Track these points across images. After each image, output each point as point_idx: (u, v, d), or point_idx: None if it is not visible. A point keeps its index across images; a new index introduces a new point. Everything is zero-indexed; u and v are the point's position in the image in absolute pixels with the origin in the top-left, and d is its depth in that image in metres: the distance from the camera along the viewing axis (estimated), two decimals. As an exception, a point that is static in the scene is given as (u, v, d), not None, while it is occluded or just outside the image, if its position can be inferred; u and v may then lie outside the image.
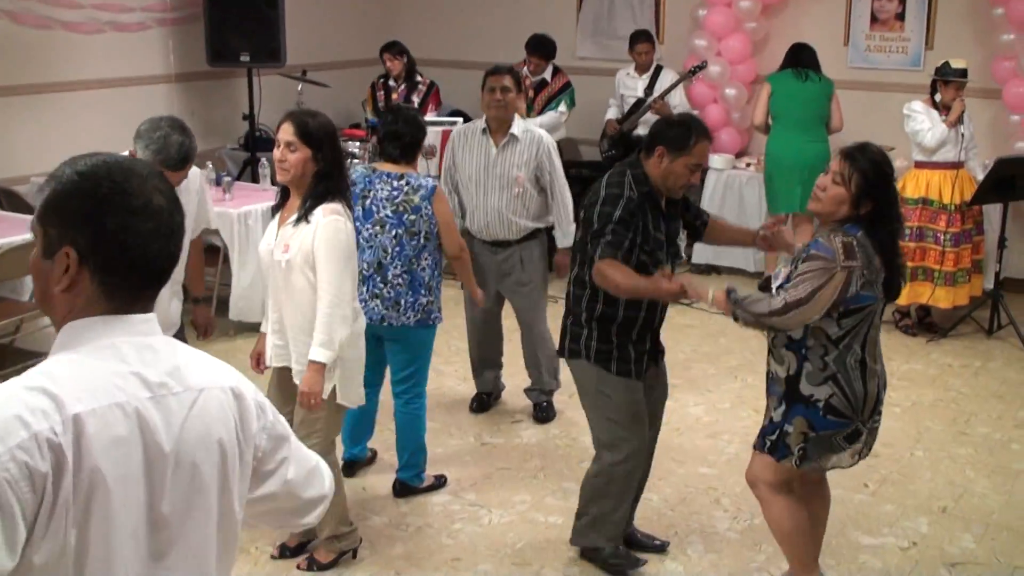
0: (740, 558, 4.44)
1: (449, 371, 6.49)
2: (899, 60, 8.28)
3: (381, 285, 4.71)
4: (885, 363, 3.87)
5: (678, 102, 8.26)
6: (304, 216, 3.93)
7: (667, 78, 8.31)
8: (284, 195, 4.11)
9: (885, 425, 5.59)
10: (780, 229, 4.21)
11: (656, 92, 8.24)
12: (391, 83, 8.62)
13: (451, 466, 5.21)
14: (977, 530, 4.68)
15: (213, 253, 6.85)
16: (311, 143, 3.91)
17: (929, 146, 6.92)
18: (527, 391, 5.86)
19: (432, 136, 8.18)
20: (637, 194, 3.91)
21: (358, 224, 4.60)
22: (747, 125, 8.59)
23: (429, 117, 8.44)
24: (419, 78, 8.58)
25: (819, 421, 3.67)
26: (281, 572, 4.30)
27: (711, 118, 8.43)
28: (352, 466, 5.08)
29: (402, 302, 4.72)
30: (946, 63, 6.98)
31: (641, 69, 8.46)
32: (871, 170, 3.59)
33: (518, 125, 5.50)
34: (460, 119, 8.56)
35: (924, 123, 6.96)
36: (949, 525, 4.72)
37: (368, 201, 4.70)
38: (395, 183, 4.70)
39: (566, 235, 5.54)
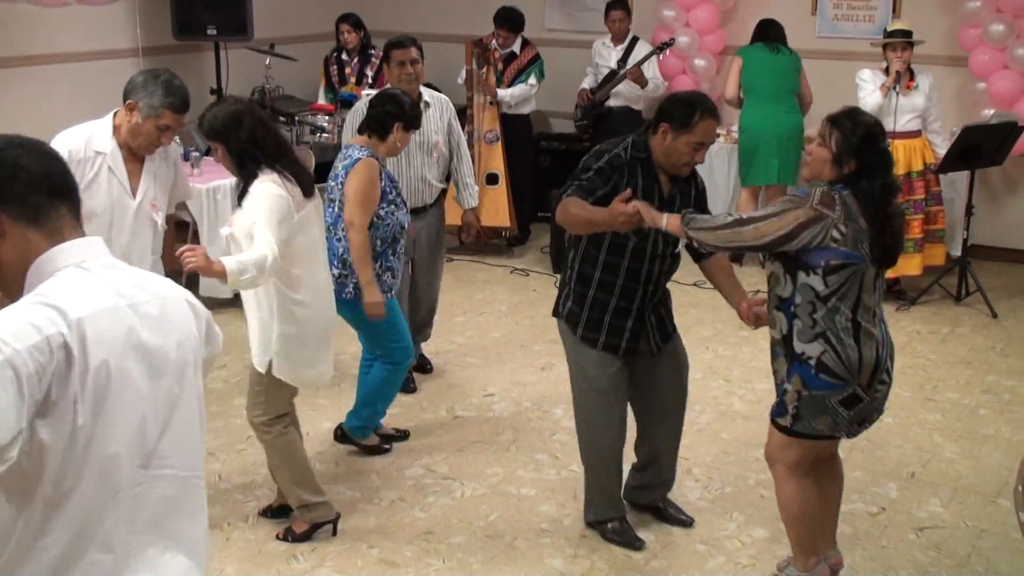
0: (711, 526, 4.48)
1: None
2: (866, 29, 8.29)
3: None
4: None
5: (652, 74, 8.24)
6: (240, 200, 4.01)
7: (642, 49, 8.29)
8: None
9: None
10: (761, 311, 4.04)
11: (630, 64, 8.22)
12: (344, 57, 8.54)
13: (423, 440, 5.22)
14: (945, 495, 4.73)
15: (182, 228, 6.80)
16: (218, 139, 4.00)
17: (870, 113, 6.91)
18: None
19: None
20: (629, 156, 3.98)
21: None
22: (716, 96, 8.58)
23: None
24: (372, 51, 8.49)
25: (812, 380, 3.63)
26: (253, 545, 4.30)
27: (680, 89, 8.41)
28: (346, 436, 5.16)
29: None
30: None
31: (617, 39, 8.43)
32: (851, 129, 3.63)
33: (425, 91, 5.59)
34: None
35: (866, 90, 7.00)
36: (917, 490, 4.77)
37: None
38: (342, 152, 4.86)
39: (472, 195, 5.96)
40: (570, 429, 5.20)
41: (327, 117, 8.20)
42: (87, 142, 4.13)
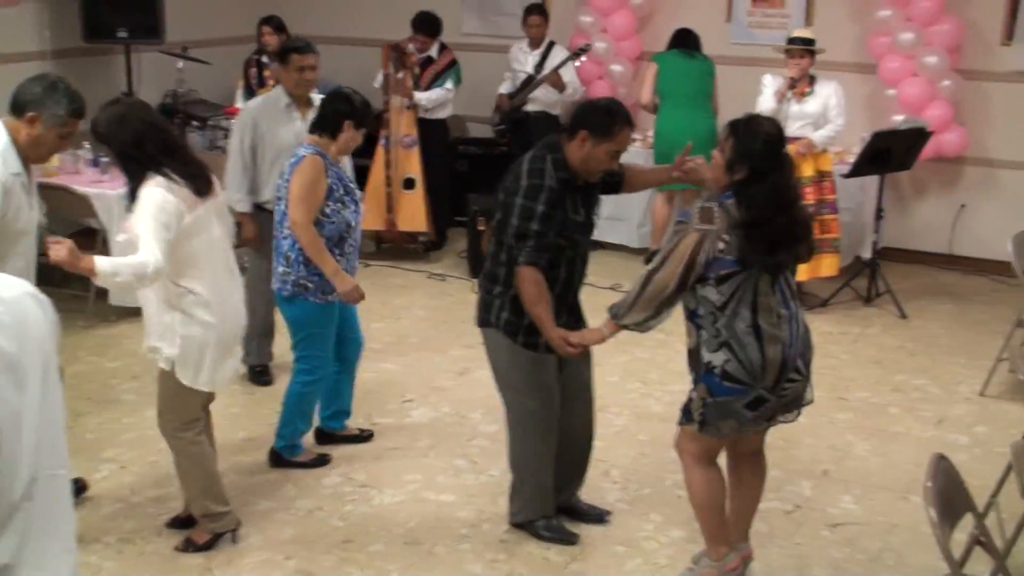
0: (629, 528, 4.50)
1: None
2: (780, 37, 8.38)
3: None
4: None
5: (569, 78, 8.28)
6: (129, 205, 3.95)
7: (558, 54, 8.32)
8: None
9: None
10: (695, 164, 4.27)
11: (546, 69, 8.25)
12: (264, 59, 8.44)
13: (341, 447, 5.17)
14: (857, 491, 4.82)
15: (91, 236, 6.67)
16: (104, 141, 3.98)
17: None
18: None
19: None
20: (557, 182, 3.95)
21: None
22: (632, 101, 8.65)
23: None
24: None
25: (716, 387, 3.72)
26: (169, 560, 4.22)
27: (597, 95, 8.47)
28: (329, 437, 5.20)
29: (276, 269, 4.78)
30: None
31: (534, 44, 8.45)
32: (744, 135, 3.68)
33: (315, 96, 5.53)
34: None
35: (764, 95, 7.08)
36: (830, 488, 4.85)
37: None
38: (291, 151, 4.89)
39: None
40: (489, 434, 5.22)
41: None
42: (3, 166, 3.94)
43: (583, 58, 8.34)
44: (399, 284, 7.77)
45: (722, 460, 4.03)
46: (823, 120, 7.05)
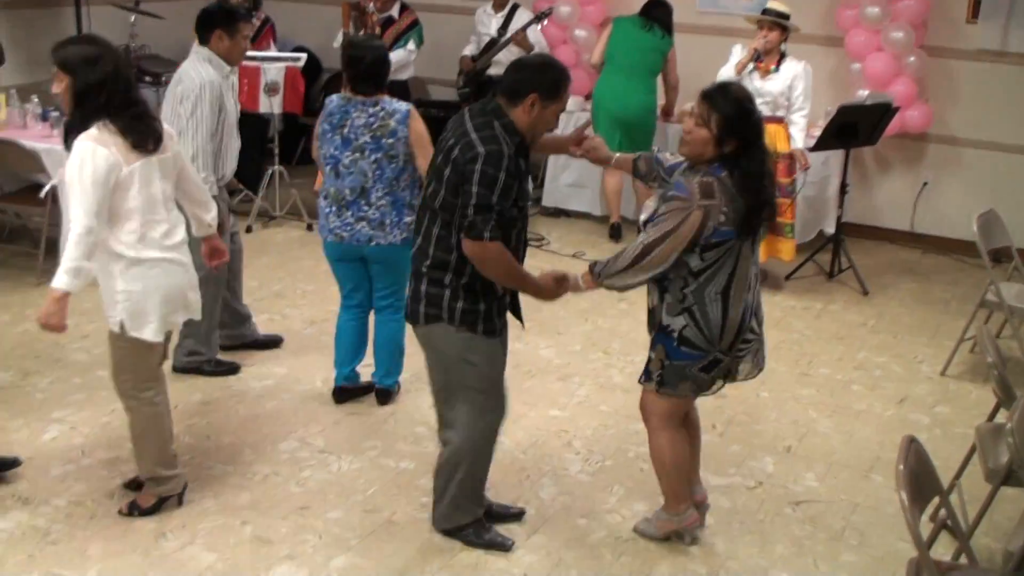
0: (592, 500, 4.44)
1: (294, 315, 6.31)
2: (746, 6, 8.30)
3: (366, 208, 4.85)
4: None
5: (535, 39, 8.17)
6: (66, 147, 3.85)
7: (522, 17, 8.20)
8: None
9: (732, 367, 5.71)
10: (594, 143, 4.20)
11: (509, 32, 8.13)
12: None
13: (299, 412, 5.07)
14: (820, 469, 4.79)
15: (38, 191, 6.47)
16: (67, 70, 3.82)
17: None
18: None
19: (274, 72, 7.93)
20: (512, 148, 3.65)
21: (337, 152, 4.83)
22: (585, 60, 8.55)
23: (269, 53, 8.15)
24: (255, 12, 8.21)
25: (673, 351, 3.80)
26: (120, 523, 4.10)
27: (560, 59, 8.34)
28: (343, 392, 5.20)
29: (387, 222, 4.85)
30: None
31: (497, 6, 8.32)
32: (731, 109, 3.64)
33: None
34: (303, 55, 8.30)
35: (728, 64, 6.86)
36: (793, 464, 4.82)
37: (346, 130, 4.82)
38: (370, 110, 4.81)
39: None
40: (450, 402, 5.13)
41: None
42: None
43: (545, 22, 8.22)
44: (358, 248, 7.63)
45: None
46: (784, 101, 6.74)
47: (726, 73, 6.77)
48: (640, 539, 4.17)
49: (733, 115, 3.64)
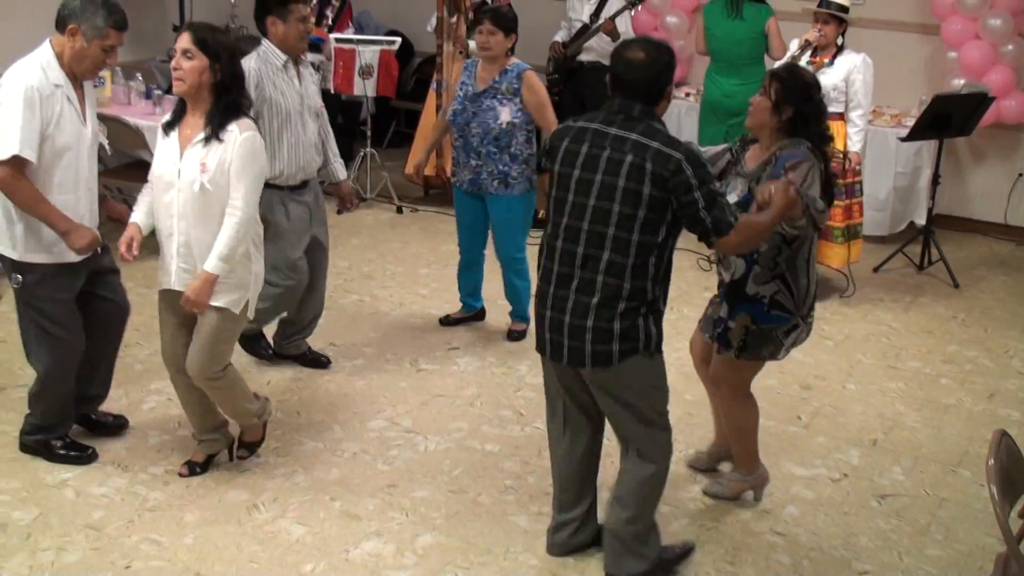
0: (674, 487, 4.44)
1: (383, 296, 6.42)
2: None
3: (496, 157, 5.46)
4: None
5: (624, 29, 8.13)
6: (215, 134, 3.89)
7: (614, 4, 8.16)
8: (179, 111, 4.02)
9: (817, 358, 5.71)
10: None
11: (602, 19, 8.11)
12: None
13: (387, 392, 5.17)
14: (906, 463, 4.76)
15: (142, 168, 6.64)
16: (208, 52, 3.86)
17: None
18: (295, 347, 5.42)
19: (369, 55, 8.04)
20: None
21: (458, 105, 5.49)
22: (688, 54, 8.51)
23: (364, 36, 8.26)
24: None
25: (762, 316, 4.03)
26: (214, 494, 4.24)
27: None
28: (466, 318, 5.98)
29: (508, 171, 5.49)
30: None
31: (590, -8, 8.31)
32: (788, 78, 3.94)
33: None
34: (398, 39, 8.39)
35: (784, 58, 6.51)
36: (879, 457, 4.80)
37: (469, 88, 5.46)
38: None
39: (342, 167, 5.41)
40: (535, 386, 5.19)
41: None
42: (45, 76, 3.99)
43: (638, 8, 8.19)
44: (447, 231, 7.67)
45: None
46: (838, 96, 6.31)
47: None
48: (722, 527, 4.20)
49: (790, 83, 3.90)
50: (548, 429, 3.92)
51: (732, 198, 3.87)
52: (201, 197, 3.90)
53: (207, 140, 3.89)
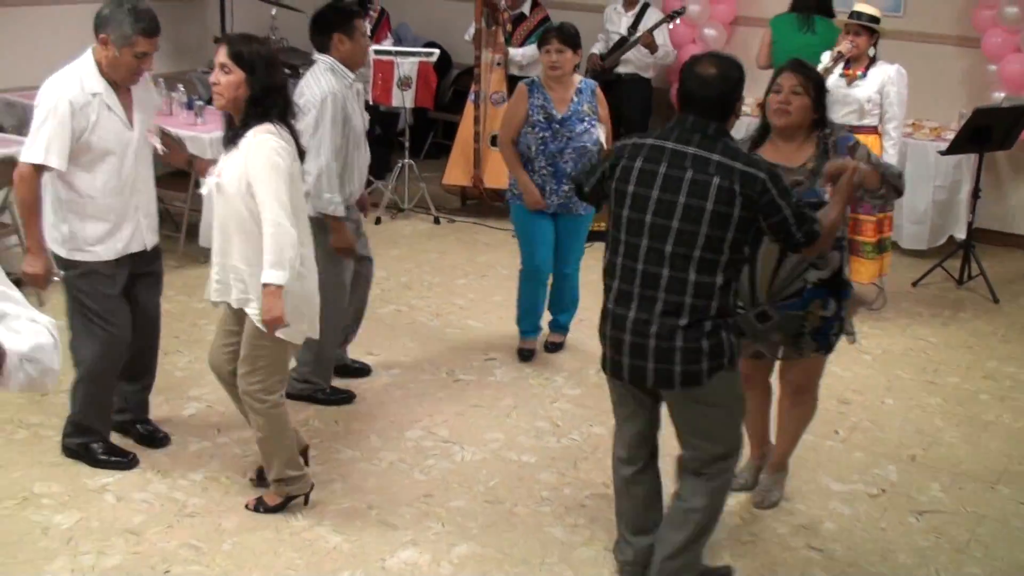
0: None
1: (421, 306, 6.45)
2: (878, 4, 8.13)
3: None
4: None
5: (662, 42, 8.15)
6: (232, 141, 3.90)
7: (653, 16, 8.19)
8: (229, 124, 4.00)
9: (856, 372, 5.68)
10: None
11: (640, 31, 8.14)
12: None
13: (424, 402, 5.19)
14: (945, 479, 4.72)
15: (183, 177, 6.73)
16: (243, 65, 3.84)
17: None
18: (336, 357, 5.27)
19: (407, 67, 8.08)
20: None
21: (543, 132, 5.34)
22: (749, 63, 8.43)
23: (403, 48, 8.30)
24: (371, 4, 8.37)
25: (847, 294, 4.13)
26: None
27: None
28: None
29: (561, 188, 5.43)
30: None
31: (628, 5, 8.31)
32: (815, 75, 4.02)
33: None
34: (436, 51, 8.44)
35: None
36: (918, 473, 4.76)
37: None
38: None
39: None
40: (572, 398, 5.22)
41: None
42: (81, 86, 4.11)
43: (677, 21, 8.20)
44: (484, 242, 7.75)
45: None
46: (872, 108, 6.25)
47: None
48: (760, 541, 4.18)
49: (816, 76, 4.00)
50: (618, 458, 3.81)
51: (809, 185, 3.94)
52: (227, 203, 3.90)
53: (227, 147, 3.94)
